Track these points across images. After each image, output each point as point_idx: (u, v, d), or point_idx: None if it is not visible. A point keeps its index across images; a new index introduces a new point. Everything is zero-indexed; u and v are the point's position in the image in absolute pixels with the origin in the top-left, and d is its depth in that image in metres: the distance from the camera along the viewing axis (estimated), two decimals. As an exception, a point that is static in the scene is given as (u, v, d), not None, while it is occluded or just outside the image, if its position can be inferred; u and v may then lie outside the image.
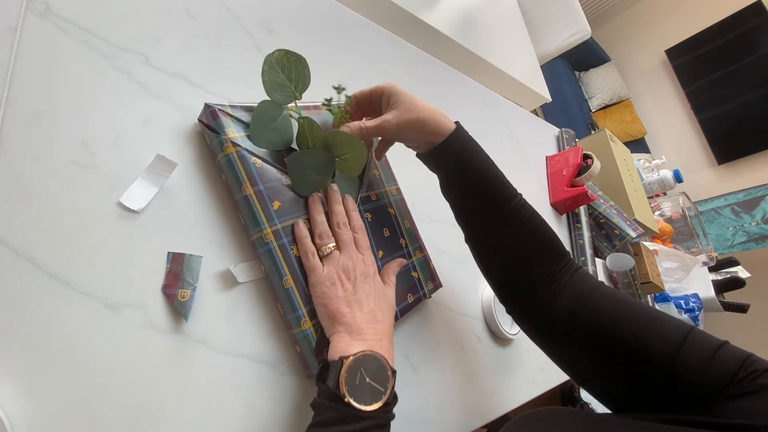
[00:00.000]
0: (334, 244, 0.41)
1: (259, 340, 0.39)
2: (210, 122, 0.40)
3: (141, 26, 0.40)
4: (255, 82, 0.48)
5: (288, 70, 0.41)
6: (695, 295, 1.35)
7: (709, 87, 3.01)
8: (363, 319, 0.38)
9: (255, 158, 0.40)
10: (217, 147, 0.40)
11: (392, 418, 0.35)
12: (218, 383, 0.35)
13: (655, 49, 3.28)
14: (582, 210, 1.01)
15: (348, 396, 0.32)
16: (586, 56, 3.27)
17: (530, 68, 1.43)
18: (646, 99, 3.38)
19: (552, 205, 1.00)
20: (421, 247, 0.55)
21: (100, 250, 0.33)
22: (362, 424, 0.31)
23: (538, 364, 0.70)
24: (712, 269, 1.56)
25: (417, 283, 0.51)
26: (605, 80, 3.28)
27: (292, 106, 0.43)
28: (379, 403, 0.33)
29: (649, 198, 1.58)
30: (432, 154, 0.46)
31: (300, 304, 0.39)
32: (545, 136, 1.16)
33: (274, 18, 0.54)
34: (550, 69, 2.77)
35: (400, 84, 0.45)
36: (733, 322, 1.75)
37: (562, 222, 1.01)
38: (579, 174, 1.00)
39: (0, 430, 0.26)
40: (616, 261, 1.00)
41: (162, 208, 0.37)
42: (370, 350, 0.35)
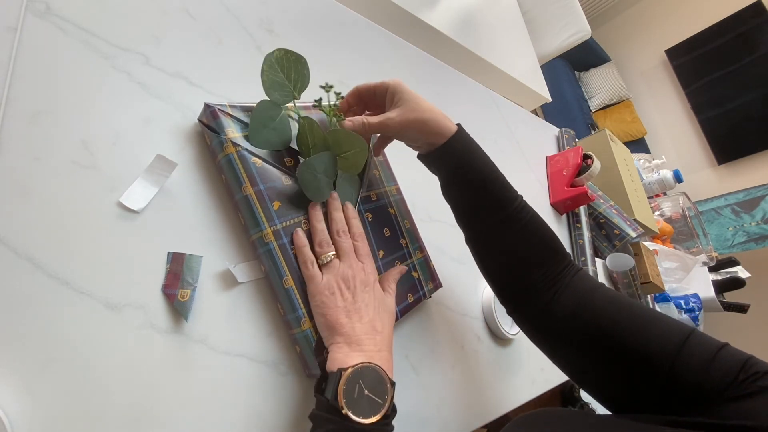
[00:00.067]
0: (334, 253, 0.41)
1: (259, 340, 0.39)
2: (210, 122, 0.40)
3: (141, 26, 0.40)
4: (255, 82, 0.48)
5: (287, 70, 0.41)
6: (695, 295, 1.35)
7: (709, 87, 3.01)
8: (362, 330, 0.38)
9: (255, 158, 0.40)
10: (217, 147, 0.40)
11: (391, 430, 0.35)
12: (218, 383, 0.35)
13: (655, 49, 3.28)
14: (582, 210, 1.01)
15: (346, 408, 0.32)
16: (586, 56, 3.27)
17: (530, 68, 1.43)
18: (646, 99, 3.38)
19: (552, 205, 1.00)
20: (421, 247, 0.55)
21: (100, 250, 0.33)
22: None
23: (538, 364, 0.70)
24: (712, 269, 1.56)
25: (417, 283, 0.51)
26: (605, 80, 3.28)
27: (291, 106, 0.43)
28: (378, 416, 0.33)
29: (649, 198, 1.58)
30: (433, 155, 0.46)
31: (300, 304, 0.39)
32: (545, 136, 1.16)
33: (274, 18, 0.54)
34: (550, 69, 2.77)
35: (404, 82, 0.45)
36: (733, 322, 1.75)
37: (562, 222, 1.01)
38: (579, 174, 1.00)
39: (0, 430, 0.26)
40: (616, 261, 1.00)
41: (162, 208, 0.37)
42: (369, 362, 0.35)
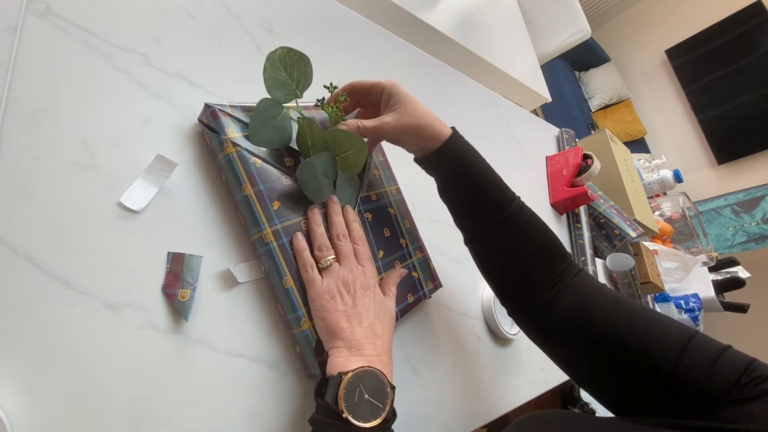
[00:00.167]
0: (334, 257, 0.41)
1: (259, 340, 0.39)
2: (210, 122, 0.40)
3: (141, 26, 0.40)
4: (255, 82, 0.48)
5: (290, 69, 0.41)
6: (695, 295, 1.35)
7: (709, 87, 3.01)
8: (362, 334, 0.38)
9: (255, 158, 0.40)
10: (217, 147, 0.40)
11: None
12: (218, 383, 0.35)
13: (655, 49, 3.28)
14: (582, 210, 1.01)
15: (346, 412, 0.32)
16: (586, 56, 3.27)
17: (530, 68, 1.43)
18: (646, 99, 3.38)
19: (552, 205, 1.00)
20: (421, 247, 0.55)
21: (100, 251, 0.33)
22: None
23: (538, 364, 0.70)
24: (712, 269, 1.56)
25: (417, 283, 0.51)
26: (605, 80, 3.28)
27: (293, 105, 0.43)
28: (378, 420, 0.33)
29: (649, 198, 1.58)
30: (428, 159, 0.46)
31: (300, 304, 0.39)
32: (545, 136, 1.16)
33: (274, 18, 0.54)
34: (550, 69, 2.77)
35: (400, 84, 0.45)
36: (733, 322, 1.75)
37: (562, 222, 1.01)
38: (579, 174, 1.00)
39: (0, 430, 0.26)
40: (616, 261, 1.00)
41: (162, 208, 0.37)
42: (369, 366, 0.35)
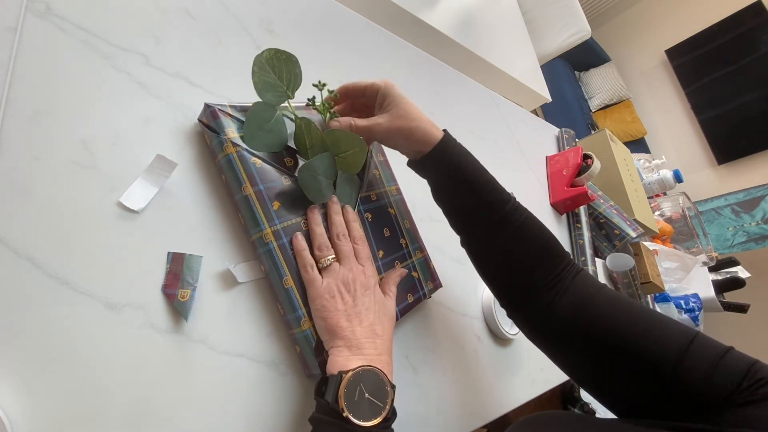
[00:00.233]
0: (334, 256, 0.41)
1: (259, 340, 0.39)
2: (210, 122, 0.40)
3: (141, 26, 0.40)
4: (255, 82, 0.48)
5: (279, 70, 0.40)
6: (695, 295, 1.35)
7: (709, 87, 3.01)
8: (362, 334, 0.38)
9: (255, 158, 0.40)
10: (217, 147, 0.40)
11: None
12: (218, 383, 0.35)
13: (655, 49, 3.28)
14: (582, 210, 1.01)
15: (347, 411, 0.32)
16: (586, 56, 3.27)
17: (530, 68, 1.43)
18: (646, 99, 3.38)
19: (552, 205, 1.00)
20: (421, 247, 0.55)
21: (100, 250, 0.33)
22: None
23: (538, 364, 0.70)
24: (712, 269, 1.56)
25: (417, 283, 0.51)
26: (605, 80, 3.28)
27: (286, 106, 0.43)
28: (379, 419, 0.33)
29: (649, 198, 1.58)
30: (420, 162, 0.46)
31: (300, 304, 0.39)
32: (545, 136, 1.16)
33: (274, 18, 0.54)
34: (550, 69, 2.77)
35: (400, 84, 0.45)
36: (733, 322, 1.75)
37: (562, 222, 1.01)
38: (579, 174, 1.00)
39: (0, 430, 0.26)
40: (616, 261, 1.00)
41: (162, 208, 0.37)
42: (370, 365, 0.35)
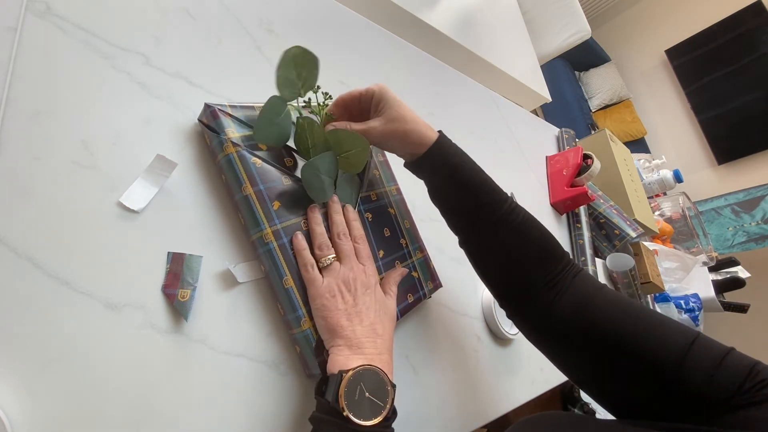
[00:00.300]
0: (334, 256, 0.41)
1: (259, 340, 0.39)
2: (210, 122, 0.40)
3: (141, 26, 0.40)
4: (255, 82, 0.48)
5: (300, 68, 0.41)
6: (695, 295, 1.35)
7: (709, 87, 3.01)
8: (363, 333, 0.38)
9: (255, 158, 0.40)
10: (217, 147, 0.40)
11: None
12: (218, 383, 0.35)
13: (655, 49, 3.28)
14: (582, 210, 1.01)
15: (347, 410, 0.32)
16: (586, 56, 3.27)
17: (530, 68, 1.43)
18: (646, 99, 3.38)
19: (552, 205, 1.00)
20: (421, 247, 0.55)
21: (100, 250, 0.33)
22: None
23: (538, 365, 0.70)
24: (712, 269, 1.56)
25: (417, 283, 0.51)
26: (605, 80, 3.28)
27: (293, 105, 0.43)
28: (379, 418, 0.33)
29: (649, 198, 1.58)
30: (416, 163, 0.46)
31: (300, 304, 0.39)
32: (545, 136, 1.16)
33: (274, 18, 0.54)
34: (550, 69, 2.77)
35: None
36: (733, 322, 1.75)
37: (562, 222, 1.01)
38: (579, 174, 1.00)
39: (0, 430, 0.26)
40: (616, 261, 1.00)
41: (162, 208, 0.37)
42: (370, 364, 0.35)
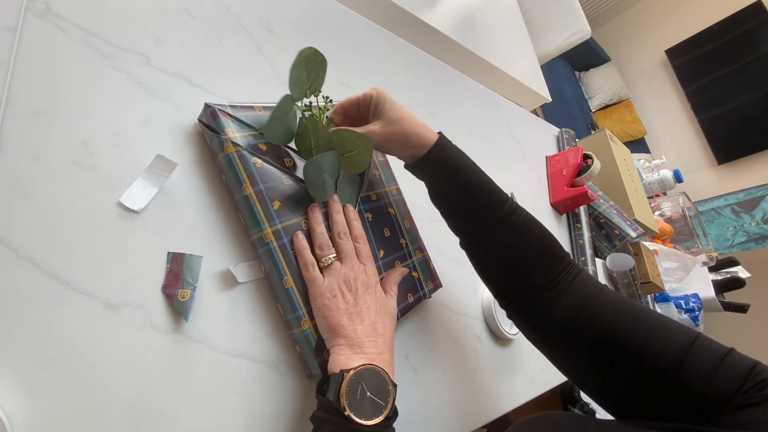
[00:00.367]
0: (335, 255, 0.41)
1: (259, 340, 0.39)
2: (210, 122, 0.40)
3: (141, 26, 0.40)
4: (255, 82, 0.48)
5: (309, 69, 0.41)
6: (695, 295, 1.35)
7: (709, 87, 3.01)
8: (364, 332, 0.38)
9: (255, 158, 0.40)
10: (217, 147, 0.40)
11: None
12: (218, 383, 0.35)
13: (655, 49, 3.28)
14: (582, 210, 1.01)
15: (348, 410, 0.32)
16: (586, 56, 3.27)
17: (530, 68, 1.43)
18: (646, 99, 3.37)
19: (552, 205, 1.00)
20: (421, 247, 0.55)
21: (100, 250, 0.33)
22: None
23: (538, 365, 0.70)
24: (712, 269, 1.56)
25: (417, 283, 0.51)
26: (605, 80, 3.28)
27: (298, 105, 0.43)
28: (380, 418, 0.33)
29: (649, 198, 1.58)
30: (416, 165, 0.46)
31: (300, 304, 0.39)
32: (545, 136, 1.16)
33: (274, 18, 0.54)
34: (550, 69, 2.77)
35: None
36: (733, 322, 1.75)
37: (562, 222, 1.01)
38: (579, 174, 1.00)
39: (0, 430, 0.26)
40: (616, 261, 1.00)
41: (162, 208, 0.37)
42: (371, 364, 0.35)
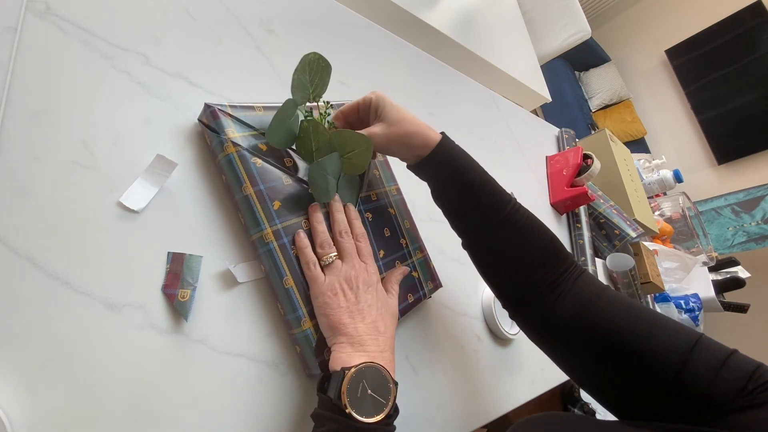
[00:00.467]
0: (336, 254, 0.41)
1: (259, 340, 0.39)
2: (210, 122, 0.40)
3: (141, 26, 0.40)
4: (255, 82, 0.48)
5: (313, 74, 0.42)
6: (695, 295, 1.35)
7: (709, 87, 3.01)
8: (365, 330, 0.38)
9: (255, 158, 0.40)
10: (217, 147, 0.40)
11: (393, 430, 0.35)
12: (218, 383, 0.35)
13: (655, 49, 3.28)
14: (582, 210, 1.01)
15: (349, 407, 0.32)
16: (586, 56, 3.27)
17: (530, 68, 1.43)
18: (646, 99, 3.37)
19: (552, 205, 1.00)
20: (421, 247, 0.55)
21: (100, 250, 0.33)
22: None
23: (538, 364, 0.70)
24: (712, 269, 1.56)
25: (417, 283, 0.51)
26: (605, 80, 3.28)
27: (300, 108, 0.43)
28: (381, 415, 0.33)
29: (649, 198, 1.58)
30: (419, 166, 0.46)
31: (300, 304, 0.39)
32: (545, 136, 1.16)
33: (274, 18, 0.54)
34: (550, 69, 2.77)
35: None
36: (733, 322, 1.75)
37: (562, 222, 1.01)
38: (579, 174, 1.00)
39: (0, 430, 0.26)
40: (616, 261, 1.00)
41: (162, 208, 0.37)
42: (372, 362, 0.35)
